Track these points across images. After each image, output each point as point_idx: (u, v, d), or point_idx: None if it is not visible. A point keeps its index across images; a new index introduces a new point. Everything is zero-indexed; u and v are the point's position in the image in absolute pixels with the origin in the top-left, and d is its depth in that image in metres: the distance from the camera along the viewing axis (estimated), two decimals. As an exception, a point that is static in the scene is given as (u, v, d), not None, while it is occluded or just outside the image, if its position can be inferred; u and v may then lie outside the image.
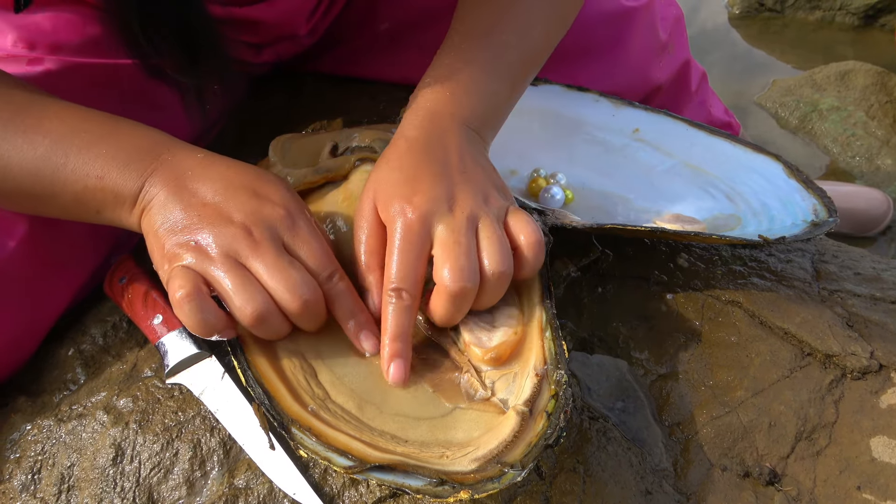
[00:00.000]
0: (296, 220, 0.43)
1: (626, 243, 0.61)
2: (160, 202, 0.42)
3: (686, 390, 0.51)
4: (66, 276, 0.54)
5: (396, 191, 0.44)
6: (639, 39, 0.76)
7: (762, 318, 0.55)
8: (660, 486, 0.46)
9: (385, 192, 0.45)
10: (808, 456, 0.48)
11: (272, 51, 0.69)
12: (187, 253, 0.41)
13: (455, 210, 0.43)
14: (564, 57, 0.72)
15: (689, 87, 0.87)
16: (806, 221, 0.57)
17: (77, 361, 0.53)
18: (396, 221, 0.43)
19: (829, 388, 0.51)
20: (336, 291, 0.43)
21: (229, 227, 0.41)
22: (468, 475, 0.38)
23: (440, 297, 0.43)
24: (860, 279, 0.61)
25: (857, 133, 1.37)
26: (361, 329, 0.44)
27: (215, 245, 0.41)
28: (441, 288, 0.42)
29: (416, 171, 0.45)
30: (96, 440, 0.47)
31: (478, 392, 0.44)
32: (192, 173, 0.43)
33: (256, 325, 0.41)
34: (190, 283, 0.40)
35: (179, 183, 0.43)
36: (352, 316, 0.44)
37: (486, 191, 0.46)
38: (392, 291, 0.42)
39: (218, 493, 0.44)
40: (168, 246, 0.41)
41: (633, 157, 0.67)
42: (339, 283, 0.43)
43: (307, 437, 0.40)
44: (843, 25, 1.67)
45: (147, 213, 0.43)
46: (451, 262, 0.42)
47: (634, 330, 0.55)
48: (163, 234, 0.42)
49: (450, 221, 0.43)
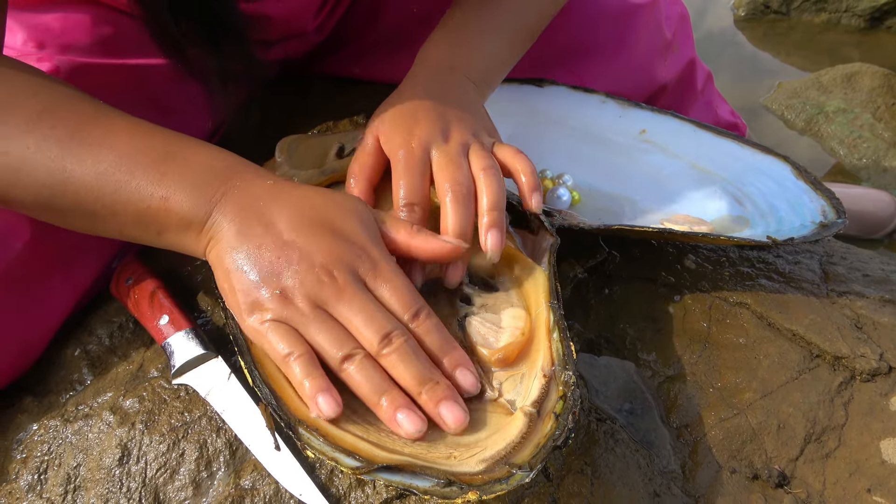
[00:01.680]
0: (375, 257, 0.42)
1: (632, 245, 0.61)
2: (232, 234, 0.41)
3: (694, 392, 0.51)
4: (71, 278, 0.54)
5: (398, 126, 0.50)
6: (644, 38, 0.75)
7: (770, 320, 0.55)
8: (668, 489, 0.45)
9: (387, 127, 0.50)
10: (818, 458, 0.48)
11: (280, 48, 0.69)
12: (273, 303, 0.40)
13: (450, 140, 0.49)
14: (569, 54, 0.72)
15: (695, 86, 0.86)
16: (815, 223, 0.57)
17: (83, 362, 0.53)
18: (399, 151, 0.48)
19: (839, 391, 0.51)
20: (424, 329, 0.41)
21: (312, 273, 0.40)
22: (476, 476, 0.38)
23: (448, 209, 0.46)
24: (869, 281, 0.60)
25: (863, 135, 1.37)
26: (457, 366, 0.41)
27: (301, 294, 0.40)
28: (444, 200, 0.46)
29: (416, 111, 0.51)
30: (102, 440, 0.47)
31: (485, 393, 0.44)
32: (264, 203, 0.42)
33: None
34: (299, 345, 0.39)
35: (251, 214, 0.41)
36: (443, 354, 0.41)
37: (476, 130, 0.51)
38: (405, 207, 0.47)
39: (224, 493, 0.44)
40: (249, 291, 0.40)
41: (640, 158, 0.67)
42: (427, 321, 0.42)
43: (314, 438, 0.40)
44: (849, 27, 1.67)
45: (216, 244, 0.41)
46: (449, 177, 0.47)
47: (642, 331, 0.55)
48: (238, 275, 0.40)
49: (445, 149, 0.49)
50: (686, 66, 0.83)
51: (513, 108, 0.68)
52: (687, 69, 0.84)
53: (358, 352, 0.39)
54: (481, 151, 0.49)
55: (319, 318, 0.39)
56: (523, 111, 0.68)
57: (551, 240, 0.51)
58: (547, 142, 0.68)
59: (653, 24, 0.76)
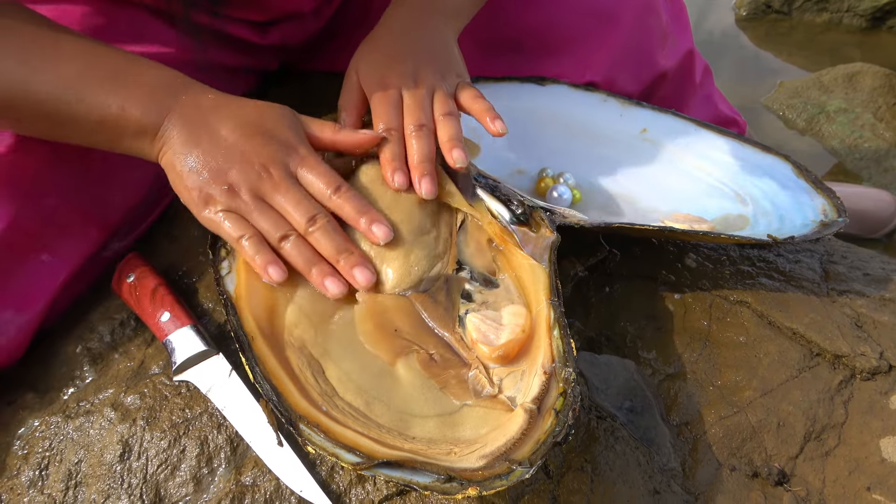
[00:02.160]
0: (302, 153, 0.50)
1: (633, 243, 0.61)
2: (181, 141, 0.48)
3: (694, 390, 0.51)
4: (54, 264, 0.54)
5: (374, 67, 0.56)
6: (640, 15, 0.74)
7: (770, 319, 0.55)
8: (668, 486, 0.45)
9: (365, 68, 0.56)
10: (818, 456, 0.48)
11: (278, 32, 0.69)
12: (223, 197, 0.47)
13: (419, 84, 0.55)
14: (567, 39, 0.71)
15: (694, 77, 0.86)
16: (815, 221, 0.57)
17: (85, 358, 0.53)
18: (376, 92, 0.54)
19: (839, 389, 0.51)
20: (345, 198, 0.49)
21: (252, 170, 0.48)
22: (476, 472, 0.38)
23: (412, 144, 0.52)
24: (869, 280, 0.60)
25: (864, 135, 1.37)
26: (372, 222, 0.49)
27: (245, 188, 0.48)
28: (409, 138, 0.53)
29: (391, 52, 0.57)
30: (104, 437, 0.47)
31: (485, 389, 0.44)
32: (209, 114, 0.49)
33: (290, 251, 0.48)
34: (248, 228, 0.47)
35: (197, 122, 0.48)
36: (361, 214, 0.49)
37: (445, 72, 0.57)
38: (385, 132, 0.53)
39: (225, 490, 0.44)
40: (201, 188, 0.47)
41: (641, 157, 0.67)
42: (347, 192, 0.49)
43: (315, 434, 0.40)
44: (851, 27, 1.67)
45: (168, 149, 0.48)
46: (414, 119, 0.53)
47: (642, 330, 0.55)
48: (190, 176, 0.47)
49: (414, 93, 0.54)
50: (685, 55, 0.83)
51: (514, 107, 0.68)
52: (686, 59, 0.83)
53: (292, 232, 0.48)
54: (444, 98, 0.55)
55: (260, 207, 0.48)
56: (524, 110, 0.68)
57: (552, 237, 0.51)
58: (548, 140, 0.68)
59: (645, 4, 0.75)
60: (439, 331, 0.48)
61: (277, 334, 0.47)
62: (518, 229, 0.53)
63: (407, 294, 0.49)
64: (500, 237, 0.52)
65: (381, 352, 0.46)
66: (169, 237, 0.60)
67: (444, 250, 0.52)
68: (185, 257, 0.57)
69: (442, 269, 0.51)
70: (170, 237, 0.60)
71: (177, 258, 0.57)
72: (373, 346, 0.47)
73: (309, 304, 0.48)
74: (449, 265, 0.51)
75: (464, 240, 0.53)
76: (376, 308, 0.48)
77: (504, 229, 0.52)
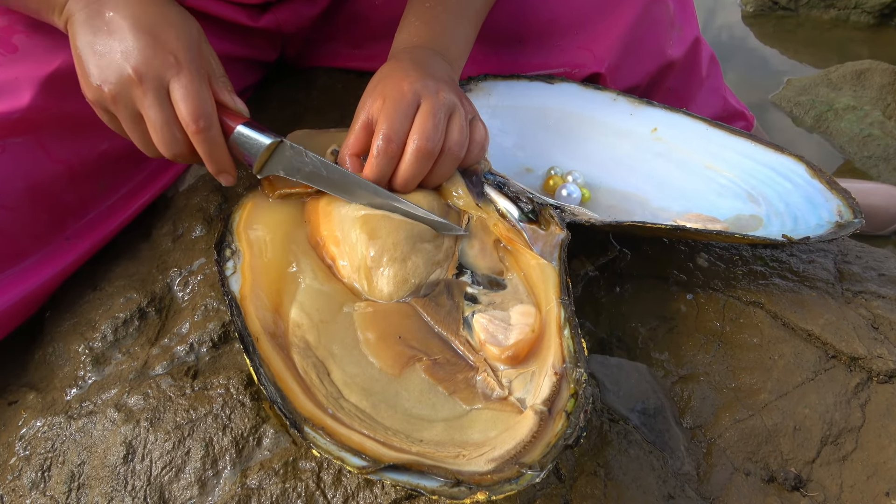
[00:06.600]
0: (181, 69, 0.49)
1: (644, 242, 0.60)
2: (80, 21, 0.51)
3: (708, 392, 0.50)
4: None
5: (393, 78, 0.53)
6: (644, 2, 0.73)
7: (785, 320, 0.54)
8: (682, 491, 0.44)
9: (381, 81, 0.53)
10: (835, 461, 0.47)
11: (272, 16, 0.69)
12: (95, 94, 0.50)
13: (439, 94, 0.52)
14: (573, 25, 0.70)
15: (700, 66, 0.85)
16: (830, 222, 0.56)
17: (87, 358, 0.52)
18: (392, 95, 0.51)
19: (855, 392, 0.50)
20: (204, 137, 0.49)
21: (126, 73, 0.49)
22: (485, 476, 0.37)
23: (406, 159, 0.50)
24: (885, 280, 0.59)
25: (873, 133, 1.35)
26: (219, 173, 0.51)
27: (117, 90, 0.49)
28: (409, 147, 0.50)
29: (408, 70, 0.53)
30: (107, 438, 0.46)
31: (494, 391, 0.43)
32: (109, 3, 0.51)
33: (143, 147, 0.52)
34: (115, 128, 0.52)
35: (96, 9, 0.50)
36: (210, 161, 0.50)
37: (461, 98, 0.54)
38: (382, 138, 0.50)
39: (230, 493, 0.43)
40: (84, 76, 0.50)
41: (652, 156, 0.66)
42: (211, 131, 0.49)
43: (320, 437, 0.39)
44: (858, 24, 1.65)
45: (71, 25, 0.51)
46: (422, 128, 0.50)
47: (654, 330, 0.54)
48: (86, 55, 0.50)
49: (434, 100, 0.51)
50: (692, 44, 0.82)
51: (523, 105, 0.67)
52: (692, 48, 0.82)
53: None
54: (460, 124, 0.52)
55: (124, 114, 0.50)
56: (533, 108, 0.67)
57: (561, 234, 0.50)
58: (557, 139, 0.67)
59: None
60: (444, 334, 0.47)
61: (282, 335, 0.46)
62: (527, 227, 0.52)
63: (407, 300, 0.48)
64: (508, 238, 0.51)
65: (386, 362, 0.45)
66: (173, 236, 0.59)
67: (444, 258, 0.51)
68: (188, 256, 0.57)
69: (441, 274, 0.50)
70: (173, 236, 0.59)
71: (180, 257, 0.57)
72: (377, 358, 0.46)
73: (312, 305, 0.47)
74: (449, 270, 0.50)
75: (467, 242, 0.52)
76: (378, 315, 0.47)
77: (512, 229, 0.51)
